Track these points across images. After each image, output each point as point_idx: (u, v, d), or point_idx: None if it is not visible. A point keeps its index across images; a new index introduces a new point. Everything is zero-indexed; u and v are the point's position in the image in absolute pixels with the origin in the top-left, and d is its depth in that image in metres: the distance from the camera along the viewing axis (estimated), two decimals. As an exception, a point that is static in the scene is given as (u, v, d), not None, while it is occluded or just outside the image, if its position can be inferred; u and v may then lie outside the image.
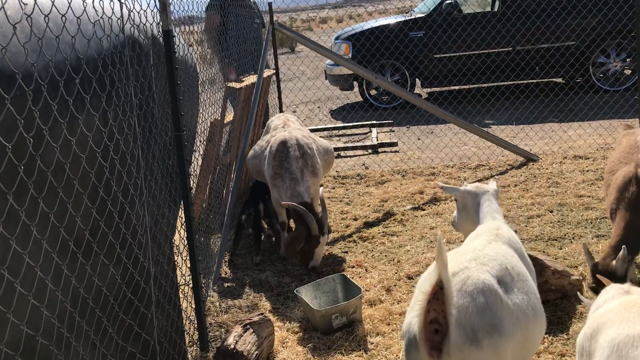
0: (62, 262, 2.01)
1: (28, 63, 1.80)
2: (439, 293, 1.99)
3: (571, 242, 4.52)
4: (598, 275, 3.04)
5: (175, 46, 3.16)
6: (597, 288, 3.05)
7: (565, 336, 3.33)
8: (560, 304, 3.63)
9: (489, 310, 2.10)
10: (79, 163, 2.10)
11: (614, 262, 3.12)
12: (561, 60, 8.70)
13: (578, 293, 2.86)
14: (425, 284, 2.01)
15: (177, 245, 3.34)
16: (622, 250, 3.07)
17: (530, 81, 9.73)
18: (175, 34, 3.22)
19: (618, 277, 3.07)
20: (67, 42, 2.06)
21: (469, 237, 2.76)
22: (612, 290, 2.33)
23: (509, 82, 9.68)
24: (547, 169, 6.30)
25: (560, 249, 4.42)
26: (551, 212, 5.13)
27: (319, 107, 10.68)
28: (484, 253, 2.36)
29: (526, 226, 4.88)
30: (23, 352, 1.75)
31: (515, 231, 4.76)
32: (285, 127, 4.97)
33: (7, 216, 1.71)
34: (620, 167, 3.59)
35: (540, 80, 9.70)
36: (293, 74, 10.29)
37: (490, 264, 2.28)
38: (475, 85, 9.76)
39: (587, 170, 6.10)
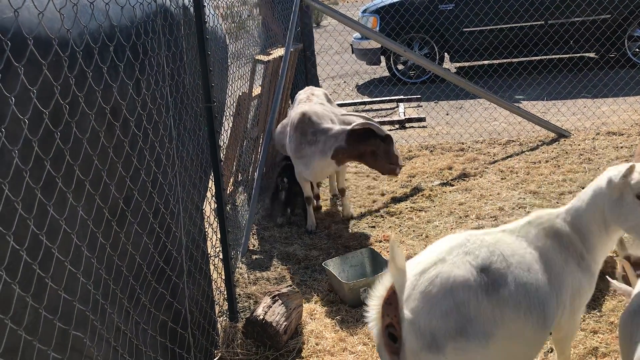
0: (97, 230, 2.03)
1: (64, 29, 1.79)
2: (392, 297, 1.91)
3: (604, 219, 4.44)
4: (624, 264, 2.95)
5: (206, 16, 3.13)
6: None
7: (598, 313, 3.28)
8: (593, 281, 3.58)
9: (455, 312, 1.96)
10: (113, 131, 2.11)
11: None
12: (596, 33, 8.45)
13: (607, 277, 2.79)
14: (379, 288, 1.93)
15: (207, 217, 3.36)
16: None
17: (562, 56, 9.49)
18: (206, 4, 3.19)
19: None
20: (100, 9, 2.05)
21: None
22: None
23: (541, 57, 9.45)
24: (579, 145, 6.17)
25: (593, 226, 4.33)
26: (583, 188, 5.02)
27: (345, 81, 10.58)
28: (478, 239, 2.18)
29: (557, 203, 4.79)
30: (61, 316, 1.78)
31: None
32: (308, 100, 4.96)
33: (44, 182, 1.72)
34: None
35: (573, 54, 9.46)
36: (320, 47, 10.19)
37: (478, 251, 2.11)
38: (506, 60, 9.57)
39: (621, 147, 5.95)
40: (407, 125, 7.62)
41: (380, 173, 4.62)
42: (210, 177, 3.39)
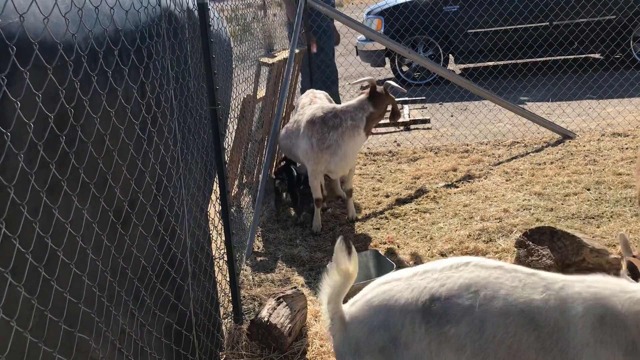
0: (102, 232, 2.04)
1: (69, 34, 1.80)
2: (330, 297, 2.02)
3: (609, 220, 4.43)
4: (633, 260, 2.92)
5: (210, 19, 3.15)
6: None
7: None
8: (598, 283, 3.57)
9: (384, 331, 1.92)
10: (118, 134, 2.12)
11: None
12: (602, 34, 8.43)
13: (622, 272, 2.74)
14: (325, 286, 2.04)
15: (212, 219, 3.37)
16: None
17: (567, 57, 9.48)
18: (210, 7, 3.20)
19: None
20: (105, 13, 2.07)
21: None
22: None
23: (546, 58, 9.44)
24: (584, 146, 6.16)
25: (598, 227, 4.33)
26: (588, 190, 5.02)
27: (349, 83, 10.59)
28: (468, 269, 1.98)
29: (562, 204, 4.79)
30: (66, 318, 1.79)
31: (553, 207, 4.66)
32: (312, 104, 4.98)
33: (49, 186, 1.73)
34: None
35: (579, 56, 9.44)
36: (324, 49, 10.18)
37: (449, 281, 1.96)
38: (510, 61, 9.55)
39: (627, 148, 5.94)
40: (411, 126, 7.62)
41: (393, 119, 5.02)
42: (215, 179, 3.40)
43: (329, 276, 2.02)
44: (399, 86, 4.76)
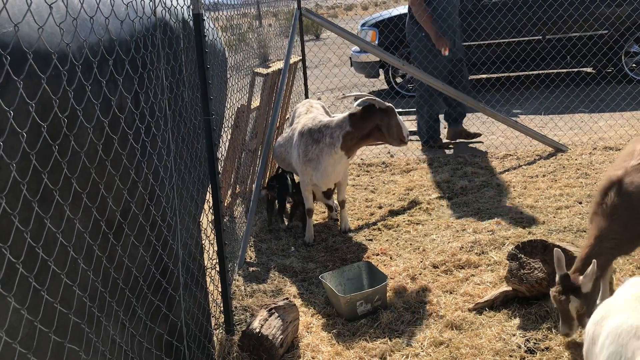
0: (93, 242, 2.03)
1: (63, 43, 1.80)
2: None
3: (601, 234, 4.44)
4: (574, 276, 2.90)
5: (205, 30, 3.15)
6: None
7: (594, 329, 3.28)
8: (589, 296, 3.58)
9: None
10: (111, 144, 2.12)
11: (581, 277, 2.89)
12: (594, 49, 8.52)
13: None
14: None
15: (204, 229, 3.36)
16: (591, 265, 2.82)
17: (560, 70, 9.55)
18: (205, 18, 3.21)
19: (585, 294, 2.86)
20: (100, 23, 2.07)
21: None
22: (633, 279, 2.28)
23: (539, 72, 9.50)
24: (576, 159, 6.19)
25: (590, 240, 4.34)
26: (580, 203, 5.04)
27: (344, 94, 10.62)
28: None
29: (554, 217, 4.80)
30: (57, 329, 1.78)
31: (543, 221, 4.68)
32: (308, 112, 4.99)
33: (41, 195, 1.73)
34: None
35: (571, 70, 9.51)
36: (319, 60, 10.24)
37: None
38: (504, 74, 9.61)
39: (618, 162, 5.97)
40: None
41: (391, 145, 4.88)
42: (208, 189, 3.40)
43: None
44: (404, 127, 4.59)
